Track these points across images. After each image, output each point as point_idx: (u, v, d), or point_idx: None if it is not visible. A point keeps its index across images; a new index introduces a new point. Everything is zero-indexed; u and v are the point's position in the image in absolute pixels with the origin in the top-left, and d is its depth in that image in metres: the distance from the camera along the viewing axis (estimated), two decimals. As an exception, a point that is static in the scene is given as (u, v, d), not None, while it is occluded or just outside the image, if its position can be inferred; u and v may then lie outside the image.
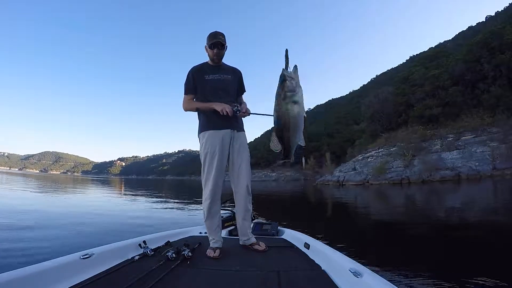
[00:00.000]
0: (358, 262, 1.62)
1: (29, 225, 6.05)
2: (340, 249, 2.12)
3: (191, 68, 2.64)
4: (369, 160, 31.02)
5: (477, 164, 22.27)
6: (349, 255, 1.90)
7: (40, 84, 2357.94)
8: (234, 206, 2.64)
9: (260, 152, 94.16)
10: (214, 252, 2.21)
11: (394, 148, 29.11)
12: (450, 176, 22.23)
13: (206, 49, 2.60)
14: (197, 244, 2.39)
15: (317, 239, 2.40)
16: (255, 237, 2.59)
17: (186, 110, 2.62)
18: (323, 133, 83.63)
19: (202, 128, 2.58)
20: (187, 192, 23.36)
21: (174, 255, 1.94)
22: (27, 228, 5.66)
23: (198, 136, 2.61)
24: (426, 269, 3.40)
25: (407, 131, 29.86)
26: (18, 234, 5.04)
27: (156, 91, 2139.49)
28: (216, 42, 2.51)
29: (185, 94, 2.60)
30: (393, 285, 1.26)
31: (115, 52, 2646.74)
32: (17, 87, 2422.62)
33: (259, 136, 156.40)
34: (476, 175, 21.50)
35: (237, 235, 2.68)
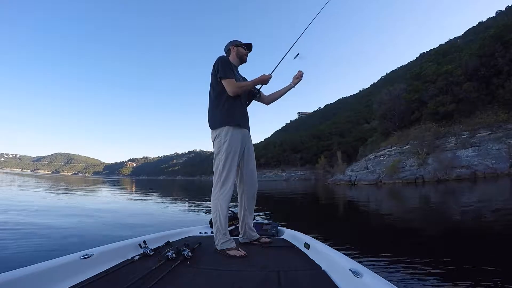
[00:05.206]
0: (358, 262, 1.59)
1: (30, 225, 6.08)
2: (340, 249, 2.06)
3: (225, 57, 2.62)
4: (381, 159, 30.70)
5: (493, 162, 21.79)
6: (349, 255, 1.88)
7: (51, 87, 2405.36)
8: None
9: (270, 152, 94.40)
10: (240, 251, 2.21)
11: (407, 146, 28.77)
12: (466, 174, 21.81)
13: (234, 49, 2.73)
14: (197, 244, 2.35)
15: (318, 239, 2.35)
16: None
17: (236, 92, 2.49)
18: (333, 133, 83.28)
19: (224, 122, 2.45)
20: (196, 193, 23.34)
21: (174, 255, 1.92)
22: (28, 228, 5.67)
23: (217, 128, 2.47)
24: (427, 270, 3.29)
25: (420, 129, 29.43)
26: (18, 234, 5.05)
27: (167, 93, 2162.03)
28: (251, 45, 2.80)
29: (230, 77, 2.46)
30: (393, 285, 1.25)
31: (125, 54, 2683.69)
32: (28, 90, 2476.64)
33: (269, 136, 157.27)
34: (493, 173, 21.06)
35: (237, 235, 2.69)
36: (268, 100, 2.92)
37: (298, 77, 2.84)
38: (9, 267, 1.41)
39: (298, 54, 2.89)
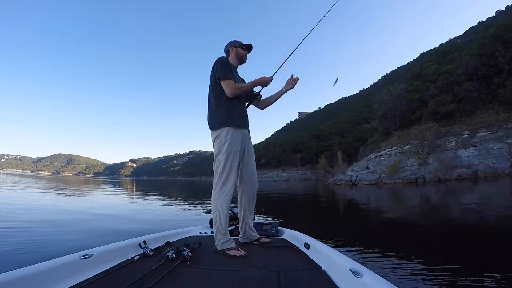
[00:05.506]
0: (358, 262, 1.59)
1: (30, 225, 6.11)
2: (340, 249, 2.10)
3: (224, 58, 2.61)
4: (382, 158, 30.64)
5: (494, 161, 21.75)
6: (349, 255, 1.91)
7: (51, 87, 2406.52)
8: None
9: (270, 152, 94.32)
10: (240, 251, 2.21)
11: (408, 146, 28.71)
12: (467, 174, 21.74)
13: (233, 49, 2.72)
14: (197, 244, 2.36)
15: (318, 239, 2.34)
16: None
17: (234, 94, 2.49)
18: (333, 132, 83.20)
19: (224, 123, 2.46)
20: (196, 193, 23.31)
21: (174, 255, 1.93)
22: (27, 228, 5.70)
23: (217, 129, 2.48)
24: (427, 270, 3.30)
25: (420, 129, 29.38)
26: (19, 234, 5.05)
27: (167, 93, 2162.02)
28: (251, 46, 2.77)
29: (229, 79, 2.46)
30: (393, 285, 1.25)
31: (125, 54, 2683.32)
32: (28, 90, 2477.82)
33: (270, 136, 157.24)
34: (494, 173, 21.00)
35: (237, 235, 2.69)
36: (262, 105, 2.92)
37: (292, 83, 2.79)
38: (9, 267, 1.41)
39: (337, 78, 2.90)
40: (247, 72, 2.86)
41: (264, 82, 2.66)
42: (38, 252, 3.88)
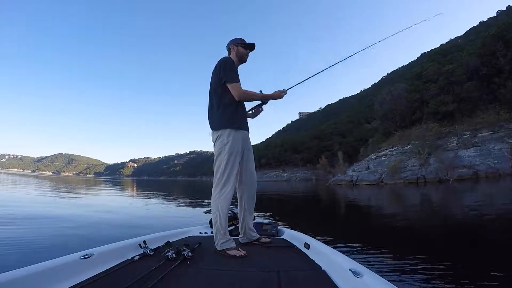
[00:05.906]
0: (358, 262, 1.60)
1: (30, 224, 6.11)
2: (340, 249, 2.11)
3: (229, 58, 2.59)
4: (383, 158, 30.58)
5: (495, 161, 21.73)
6: (349, 255, 1.92)
7: (52, 87, 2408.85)
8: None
9: (271, 152, 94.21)
10: (239, 251, 2.21)
11: (408, 146, 28.63)
12: (468, 174, 21.70)
13: (234, 48, 2.66)
14: (197, 244, 2.35)
15: (318, 239, 2.35)
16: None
17: (242, 99, 2.50)
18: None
19: (226, 124, 2.44)
20: (196, 193, 23.26)
21: (174, 255, 1.92)
22: (27, 228, 5.68)
23: (219, 129, 2.47)
24: (427, 270, 3.28)
25: (421, 129, 29.34)
26: (19, 234, 5.04)
27: (167, 93, 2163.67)
28: (253, 45, 2.70)
29: (236, 81, 2.44)
30: (393, 285, 1.25)
31: (126, 55, 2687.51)
32: (29, 91, 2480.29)
33: (270, 136, 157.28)
34: (494, 173, 20.97)
35: (237, 235, 2.69)
36: None
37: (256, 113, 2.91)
38: (9, 267, 1.41)
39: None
40: (247, 72, 2.82)
41: (278, 97, 2.70)
42: (38, 252, 3.88)
